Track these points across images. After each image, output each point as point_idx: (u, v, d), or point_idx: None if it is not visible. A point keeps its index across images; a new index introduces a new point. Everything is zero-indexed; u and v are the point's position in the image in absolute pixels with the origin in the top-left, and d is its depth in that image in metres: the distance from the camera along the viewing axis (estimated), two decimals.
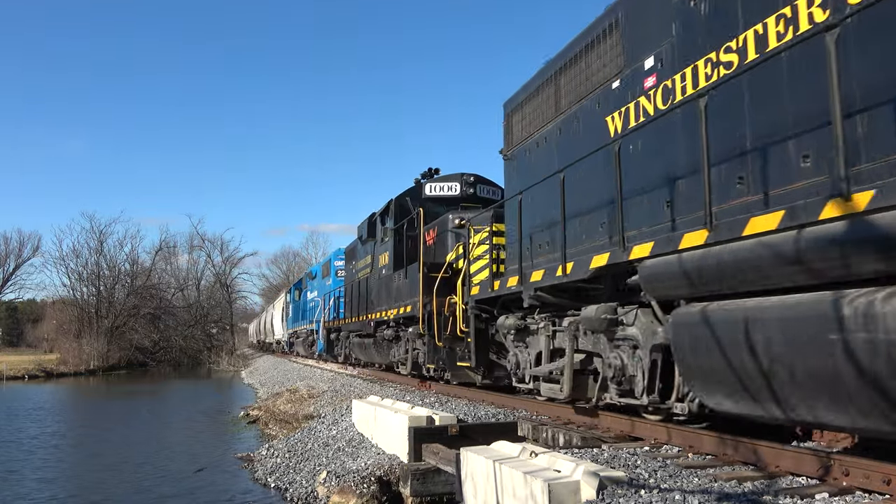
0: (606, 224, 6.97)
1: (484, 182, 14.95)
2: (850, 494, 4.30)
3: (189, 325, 60.35)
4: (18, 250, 71.26)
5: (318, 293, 30.09)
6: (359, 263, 19.49)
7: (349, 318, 20.13)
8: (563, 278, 7.22)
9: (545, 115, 8.60)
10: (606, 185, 6.84)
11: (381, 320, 15.84)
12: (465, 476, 5.96)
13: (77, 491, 10.83)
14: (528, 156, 9.09)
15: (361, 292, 18.27)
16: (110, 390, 35.34)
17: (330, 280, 27.24)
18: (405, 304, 13.59)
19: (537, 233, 8.52)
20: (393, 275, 14.98)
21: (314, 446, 10.58)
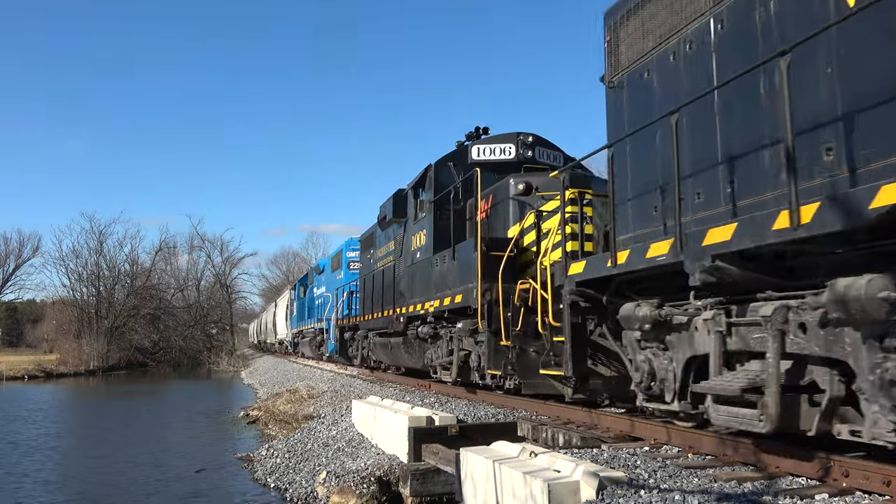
0: None
1: (544, 144, 12.32)
2: (849, 495, 4.30)
3: (189, 326, 60.35)
4: (18, 250, 71.37)
5: (326, 288, 27.35)
6: (379, 251, 17.16)
7: (368, 315, 17.43)
8: (794, 232, 4.34)
9: (694, 7, 5.95)
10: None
11: (415, 315, 12.98)
12: (465, 476, 5.96)
13: (77, 491, 10.82)
14: (654, 76, 6.50)
15: (386, 283, 15.62)
16: (110, 391, 35.34)
17: (341, 273, 24.91)
18: (453, 292, 10.83)
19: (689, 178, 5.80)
20: (433, 258, 12.10)
21: (314, 446, 10.58)
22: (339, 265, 25.62)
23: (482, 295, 9.59)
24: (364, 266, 19.35)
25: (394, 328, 14.54)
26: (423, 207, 12.92)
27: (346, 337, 20.91)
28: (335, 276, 26.13)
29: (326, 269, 28.94)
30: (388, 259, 15.90)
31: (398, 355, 15.13)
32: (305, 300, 34.17)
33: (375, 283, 16.81)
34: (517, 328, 9.03)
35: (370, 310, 17.21)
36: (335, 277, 25.82)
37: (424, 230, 12.84)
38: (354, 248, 22.83)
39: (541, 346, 8.73)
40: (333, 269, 27.06)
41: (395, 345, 14.95)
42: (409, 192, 13.91)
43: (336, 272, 26.15)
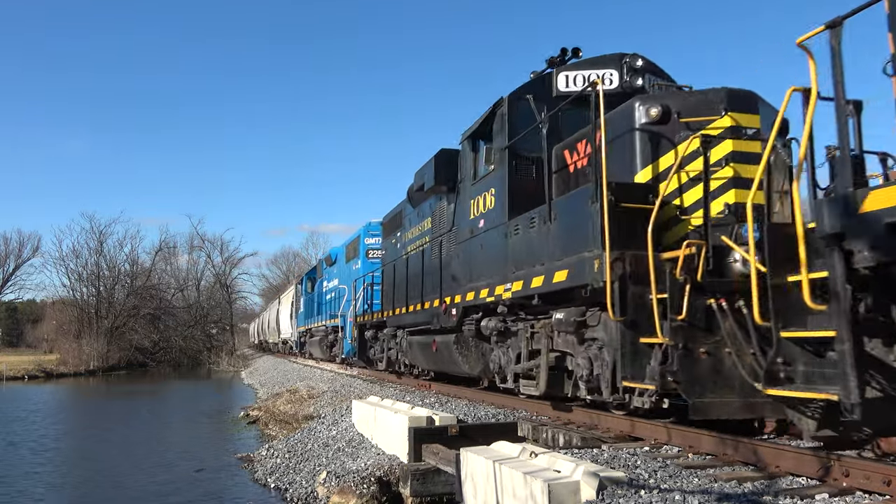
0: None
1: (656, 72, 8.95)
2: (850, 495, 4.30)
3: (189, 326, 60.36)
4: (18, 250, 71.35)
5: (339, 281, 24.44)
6: (410, 232, 14.31)
7: (398, 309, 14.28)
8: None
9: None
10: None
11: (476, 304, 9.90)
12: (465, 476, 5.96)
13: (77, 491, 10.83)
14: None
15: (426, 269, 12.51)
16: (110, 391, 35.34)
17: (358, 263, 21.69)
18: (548, 268, 7.66)
19: None
20: (508, 226, 8.97)
21: (314, 447, 10.58)
22: (356, 254, 22.27)
23: (611, 267, 6.38)
24: (388, 252, 16.45)
25: (441, 323, 11.14)
26: (492, 158, 9.73)
27: (368, 336, 17.50)
28: (350, 266, 22.96)
29: (340, 260, 25.53)
30: (423, 240, 13.05)
31: (445, 358, 11.32)
32: (314, 295, 30.73)
33: (410, 269, 13.65)
34: (680, 316, 5.73)
35: (401, 303, 14.06)
36: (351, 268, 22.74)
37: (493, 189, 9.56)
38: (374, 234, 20.13)
39: (715, 345, 5.74)
40: (348, 258, 23.66)
41: (443, 345, 11.23)
42: (465, 145, 10.70)
43: (352, 262, 22.92)
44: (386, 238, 16.85)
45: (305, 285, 33.68)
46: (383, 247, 17.00)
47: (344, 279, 23.40)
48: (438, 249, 11.92)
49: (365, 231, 21.74)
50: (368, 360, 18.09)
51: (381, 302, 16.58)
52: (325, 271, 28.79)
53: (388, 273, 15.89)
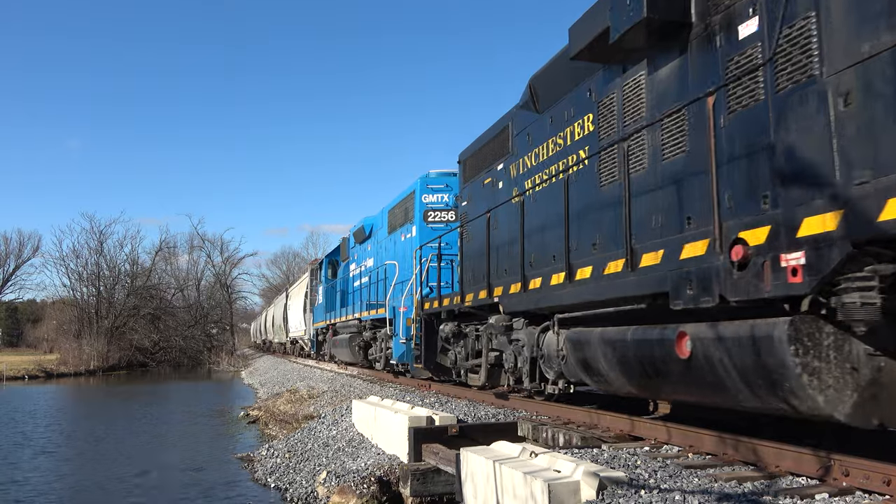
0: None
1: None
2: (850, 495, 4.30)
3: (189, 326, 60.32)
4: (18, 250, 71.53)
5: (377, 260, 18.53)
6: (530, 158, 9.03)
7: (515, 285, 8.80)
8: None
9: None
10: None
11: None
12: (465, 476, 5.96)
13: (76, 491, 10.83)
14: None
15: (604, 200, 7.06)
16: (110, 391, 35.33)
17: (413, 231, 15.36)
18: None
19: None
20: None
21: (314, 446, 10.58)
22: (408, 218, 15.91)
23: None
24: (475, 202, 10.94)
25: (732, 293, 4.91)
26: None
27: (447, 332, 11.50)
28: (397, 237, 16.75)
29: (378, 231, 19.07)
30: (568, 160, 7.89)
31: (740, 376, 4.90)
32: (337, 283, 24.49)
33: (546, 212, 8.32)
34: None
35: (538, 268, 8.37)
36: (398, 239, 16.66)
37: None
38: (436, 188, 15.02)
39: None
40: (394, 226, 17.20)
41: (738, 346, 4.83)
42: None
43: (400, 231, 16.53)
44: (469, 181, 11.36)
45: (325, 271, 26.98)
46: (465, 196, 11.57)
47: (387, 255, 17.40)
48: (654, 153, 6.18)
49: (421, 185, 15.18)
50: (439, 367, 12.46)
51: (464, 279, 11.07)
52: (353, 250, 22.39)
53: (479, 231, 10.39)
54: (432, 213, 15.04)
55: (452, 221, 14.02)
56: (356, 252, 21.70)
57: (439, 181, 15.12)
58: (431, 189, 15.18)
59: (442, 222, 14.68)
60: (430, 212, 15.03)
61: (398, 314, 14.55)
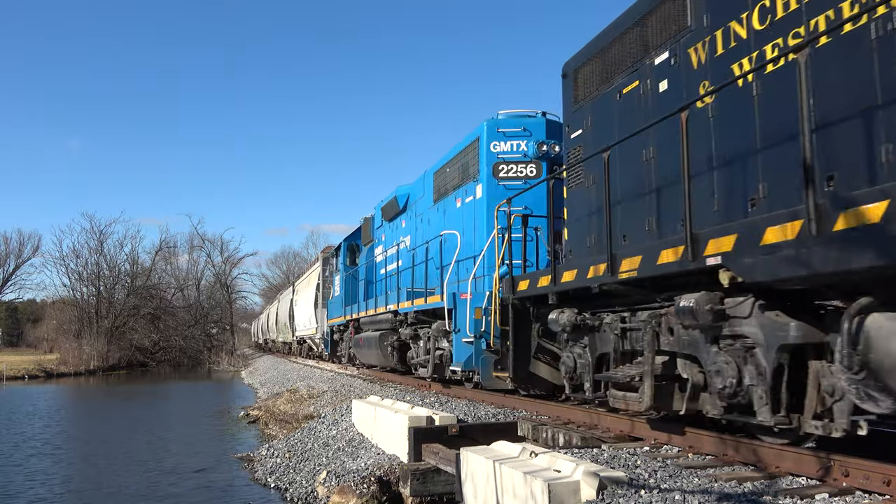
0: None
1: None
2: (850, 495, 4.30)
3: (189, 326, 60.34)
4: (18, 250, 71.58)
5: (415, 238, 15.17)
6: None
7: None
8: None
9: None
10: None
11: None
12: (465, 476, 5.96)
13: (77, 492, 10.82)
14: None
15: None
16: (110, 391, 35.33)
17: (475, 193, 11.82)
18: None
19: None
20: None
21: (314, 446, 10.59)
22: (469, 176, 12.16)
23: None
24: (611, 121, 7.53)
25: None
26: None
27: (563, 323, 7.45)
28: (450, 204, 13.11)
29: (417, 202, 15.37)
30: None
31: None
32: (358, 271, 20.62)
33: None
34: None
35: None
36: (451, 206, 12.98)
37: None
38: (511, 133, 11.42)
39: None
40: (444, 191, 13.58)
41: None
42: None
43: (454, 195, 12.88)
44: (587, 99, 7.98)
45: (343, 258, 22.43)
46: (578, 121, 8.14)
47: (433, 229, 13.73)
48: None
49: (490, 130, 11.56)
50: (533, 377, 8.97)
51: (580, 245, 7.95)
52: (379, 231, 18.67)
53: (630, 164, 7.05)
54: (505, 166, 11.39)
55: (533, 177, 10.96)
56: (384, 232, 17.98)
57: (514, 123, 11.48)
58: (504, 135, 11.49)
59: (519, 178, 11.16)
60: (501, 165, 11.40)
61: (460, 303, 10.71)
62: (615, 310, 6.92)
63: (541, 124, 10.96)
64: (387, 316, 15.12)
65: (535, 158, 11.21)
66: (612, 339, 6.83)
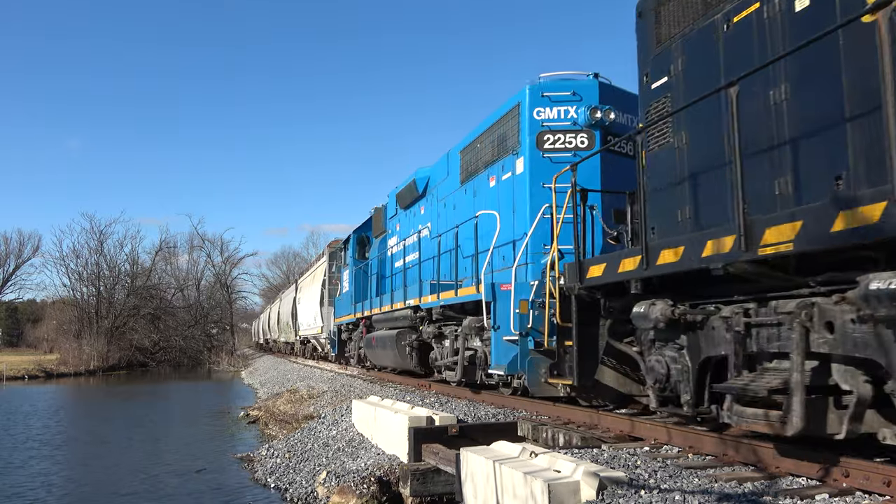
0: None
1: None
2: (850, 495, 4.30)
3: (189, 326, 60.33)
4: (18, 250, 71.55)
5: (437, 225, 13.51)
6: None
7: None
8: None
9: None
10: None
11: None
12: (465, 476, 5.96)
13: (77, 492, 10.83)
14: None
15: None
16: (110, 391, 35.33)
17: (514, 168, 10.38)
18: None
19: None
20: None
21: (314, 446, 10.59)
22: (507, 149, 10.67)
23: None
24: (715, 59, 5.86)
25: None
26: None
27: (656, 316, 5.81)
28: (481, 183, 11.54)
29: (440, 185, 13.72)
30: None
31: None
32: (369, 264, 18.67)
33: None
34: None
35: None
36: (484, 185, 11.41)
37: None
38: (558, 98, 10.01)
39: None
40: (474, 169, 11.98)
41: None
42: None
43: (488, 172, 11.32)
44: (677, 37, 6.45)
45: (352, 251, 20.88)
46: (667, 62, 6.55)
47: (459, 215, 12.11)
48: None
49: (533, 96, 10.10)
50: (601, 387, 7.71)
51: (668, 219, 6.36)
52: (392, 220, 17.25)
53: (753, 109, 5.34)
54: (551, 136, 9.89)
55: (584, 149, 9.59)
56: (399, 221, 16.54)
57: (562, 87, 10.00)
58: (549, 100, 10.01)
59: (567, 150, 9.73)
60: (547, 135, 9.90)
61: (501, 295, 9.47)
62: (731, 300, 5.39)
63: (593, 87, 9.65)
64: (405, 312, 13.81)
65: (587, 127, 9.77)
66: (729, 339, 5.26)
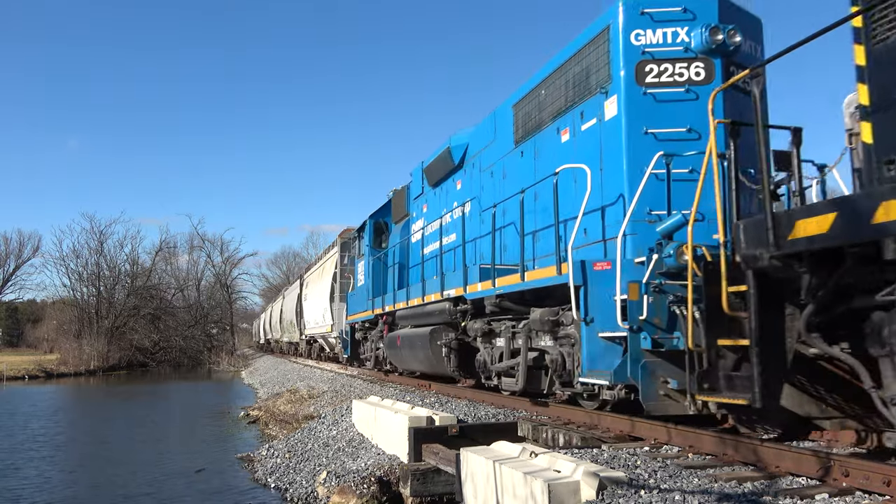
0: None
1: None
2: (850, 495, 4.30)
3: (189, 326, 60.34)
4: (18, 250, 71.50)
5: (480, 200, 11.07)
6: None
7: None
8: None
9: None
10: None
11: None
12: (465, 476, 5.96)
13: (77, 492, 10.82)
14: None
15: None
16: (110, 391, 35.33)
17: (601, 113, 7.69)
18: None
19: None
20: None
21: (314, 446, 10.58)
22: (589, 89, 8.04)
23: None
24: None
25: None
26: None
27: None
28: (547, 140, 8.96)
29: (483, 151, 11.14)
30: None
31: None
32: (390, 253, 16.03)
33: None
34: None
35: None
36: (551, 142, 8.83)
37: None
38: (666, 14, 7.46)
39: None
40: (535, 124, 9.33)
41: None
42: None
43: (554, 124, 8.76)
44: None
45: (369, 238, 17.63)
46: None
47: (508, 186, 9.86)
48: None
49: (627, 13, 7.55)
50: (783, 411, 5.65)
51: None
52: (417, 201, 14.56)
53: None
54: (655, 66, 7.36)
55: (699, 83, 7.24)
56: (427, 201, 13.93)
57: (668, 2, 7.45)
58: (652, 19, 7.45)
59: (678, 85, 7.30)
60: (650, 65, 7.37)
61: (594, 277, 7.08)
62: None
63: (711, 2, 7.37)
64: (441, 306, 11.31)
65: (704, 53, 7.29)
66: None
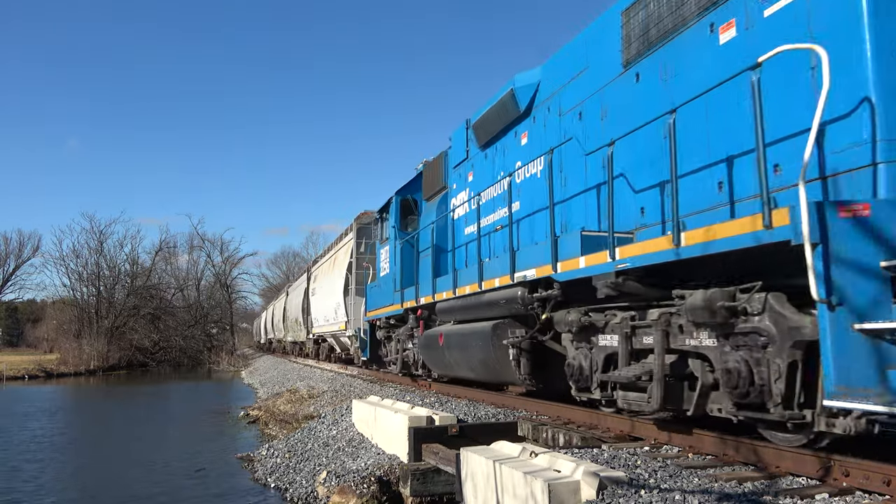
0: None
1: None
2: (850, 495, 4.30)
3: (189, 326, 60.34)
4: (18, 250, 71.64)
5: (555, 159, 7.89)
6: None
7: None
8: None
9: None
10: None
11: None
12: (465, 476, 5.96)
13: (77, 491, 10.82)
14: None
15: None
16: (110, 391, 35.33)
17: None
18: None
19: None
20: None
21: (314, 446, 10.58)
22: None
23: None
24: None
25: None
26: None
27: None
28: (685, 50, 6.07)
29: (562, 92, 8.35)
30: None
31: None
32: (424, 235, 12.86)
33: None
34: None
35: None
36: (702, 51, 5.87)
37: None
38: None
39: None
40: (653, 38, 6.52)
41: None
42: None
43: (714, 18, 5.70)
44: None
45: (395, 220, 14.57)
46: None
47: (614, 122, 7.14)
48: None
49: None
50: None
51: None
52: (461, 168, 11.92)
53: None
54: None
55: None
56: (474, 167, 11.25)
57: None
58: None
59: None
60: None
61: (837, 228, 4.06)
62: None
63: None
64: (510, 293, 8.45)
65: None
66: None
